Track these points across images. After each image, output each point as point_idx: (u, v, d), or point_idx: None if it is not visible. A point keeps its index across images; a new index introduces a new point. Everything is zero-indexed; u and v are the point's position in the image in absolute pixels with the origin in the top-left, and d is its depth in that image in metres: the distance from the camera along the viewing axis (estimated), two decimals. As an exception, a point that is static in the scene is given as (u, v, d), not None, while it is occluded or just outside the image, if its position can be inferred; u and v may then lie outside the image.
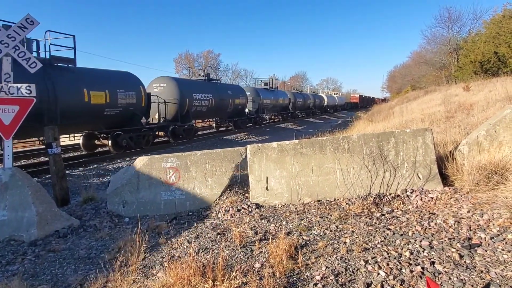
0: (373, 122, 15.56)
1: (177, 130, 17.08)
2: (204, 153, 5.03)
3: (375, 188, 4.54)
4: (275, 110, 31.97)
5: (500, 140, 4.43)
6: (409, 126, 9.76)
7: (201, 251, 3.39)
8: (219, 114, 21.78)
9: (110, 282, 2.91)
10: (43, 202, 4.49)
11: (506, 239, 2.92)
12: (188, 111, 17.50)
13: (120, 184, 5.01)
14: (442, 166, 4.60)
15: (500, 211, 3.39)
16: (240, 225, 3.93)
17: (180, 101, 16.73)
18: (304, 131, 20.84)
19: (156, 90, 16.77)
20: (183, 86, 17.40)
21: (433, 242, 3.06)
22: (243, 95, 23.57)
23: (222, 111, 21.37)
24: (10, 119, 4.74)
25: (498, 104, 9.23)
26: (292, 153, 4.74)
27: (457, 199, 4.05)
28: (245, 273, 2.76)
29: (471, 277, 2.45)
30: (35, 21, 5.00)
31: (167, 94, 16.57)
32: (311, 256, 3.03)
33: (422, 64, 42.65)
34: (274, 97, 30.34)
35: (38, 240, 4.16)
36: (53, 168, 5.56)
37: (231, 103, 21.84)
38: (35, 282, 3.15)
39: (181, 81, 18.56)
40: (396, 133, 4.66)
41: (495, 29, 25.49)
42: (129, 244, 3.61)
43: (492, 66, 25.31)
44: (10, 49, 4.86)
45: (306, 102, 39.09)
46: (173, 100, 16.57)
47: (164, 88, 16.86)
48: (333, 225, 3.73)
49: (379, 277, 2.58)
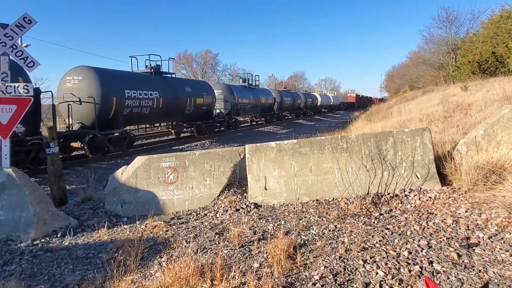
0: (372, 122, 15.58)
1: (98, 140, 12.26)
2: (202, 152, 5.03)
3: (373, 188, 4.54)
4: (256, 111, 27.42)
5: (498, 140, 4.44)
6: (407, 125, 9.77)
7: (199, 251, 3.38)
8: (174, 117, 17.26)
9: (108, 282, 2.90)
10: (41, 202, 4.47)
11: (504, 239, 2.93)
12: (117, 113, 12.91)
13: (118, 183, 4.99)
14: (440, 166, 4.61)
15: (498, 211, 3.40)
16: (239, 225, 3.92)
17: (102, 100, 12.22)
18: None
19: (69, 85, 12.29)
20: (107, 80, 12.70)
21: (432, 241, 3.06)
22: (208, 93, 19.10)
23: (177, 113, 16.88)
24: (7, 119, 4.73)
25: (496, 104, 9.26)
26: (290, 152, 4.74)
27: (455, 198, 4.06)
28: (244, 273, 2.75)
29: (469, 276, 2.45)
30: (32, 20, 4.98)
31: (84, 91, 12.13)
32: (310, 256, 3.03)
33: (420, 64, 42.76)
34: (254, 96, 25.74)
35: (36, 240, 4.14)
36: (51, 168, 5.54)
37: (191, 103, 17.25)
38: (33, 283, 3.13)
39: (104, 72, 13.12)
40: (394, 133, 4.66)
41: (492, 29, 25.59)
42: (127, 244, 3.60)
43: (490, 66, 25.41)
44: (8, 48, 4.84)
45: (296, 101, 35.58)
46: (91, 99, 11.99)
47: (79, 82, 12.24)
48: (331, 224, 3.73)
49: (378, 276, 2.58)
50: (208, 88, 19.65)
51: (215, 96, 20.06)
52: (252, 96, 25.65)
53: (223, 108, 21.44)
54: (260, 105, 27.35)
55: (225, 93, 21.92)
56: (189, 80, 21.63)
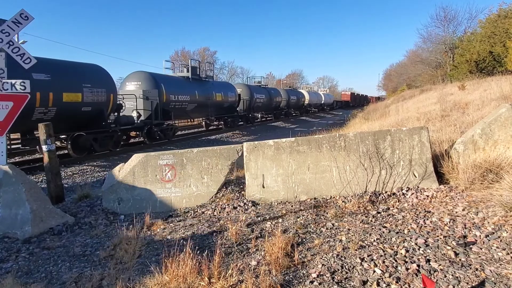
0: (369, 121, 15.60)
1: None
2: (200, 150, 5.01)
3: (371, 186, 4.55)
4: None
5: (495, 139, 4.46)
6: (405, 124, 9.79)
7: (197, 248, 3.37)
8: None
9: (105, 279, 2.89)
10: (38, 199, 4.45)
11: (501, 237, 2.94)
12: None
13: (115, 181, 4.98)
14: (437, 165, 4.62)
15: (495, 209, 3.41)
16: (236, 223, 3.92)
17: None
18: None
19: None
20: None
21: (429, 240, 3.07)
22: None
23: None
24: (4, 115, 4.69)
25: (493, 103, 9.29)
26: (288, 150, 4.73)
27: (452, 197, 4.07)
28: (241, 271, 2.75)
29: (466, 274, 2.46)
30: (29, 16, 4.94)
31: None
32: (307, 254, 3.03)
33: (418, 63, 42.87)
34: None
35: (32, 238, 4.12)
36: (48, 165, 5.51)
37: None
38: (29, 280, 3.12)
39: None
40: (392, 132, 4.67)
41: (490, 28, 25.69)
42: (124, 241, 3.59)
43: (487, 65, 25.50)
44: (4, 44, 4.80)
45: (273, 100, 30.21)
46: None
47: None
48: (329, 223, 3.73)
49: (375, 274, 2.59)
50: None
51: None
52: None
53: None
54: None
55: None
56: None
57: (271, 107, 30.87)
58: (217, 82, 25.67)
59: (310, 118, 36.68)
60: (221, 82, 28.66)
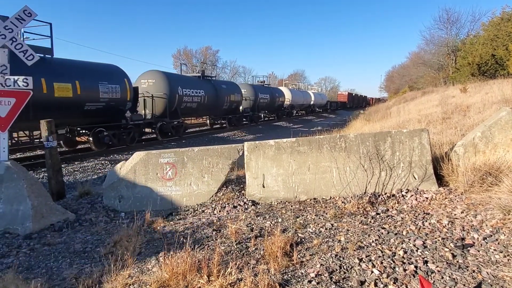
0: (370, 122, 15.62)
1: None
2: (201, 149, 5.04)
3: (371, 187, 4.57)
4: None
5: (496, 142, 4.47)
6: (406, 126, 9.81)
7: (196, 246, 3.40)
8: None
9: (105, 276, 2.92)
10: (39, 196, 4.48)
11: (499, 240, 2.95)
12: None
13: (116, 178, 5.00)
14: (437, 167, 4.64)
15: (494, 212, 3.42)
16: (236, 222, 3.94)
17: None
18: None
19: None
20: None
21: (427, 241, 3.09)
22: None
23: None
24: (6, 112, 4.72)
25: (494, 106, 9.30)
26: (289, 151, 4.75)
27: (451, 199, 4.09)
28: (240, 269, 2.77)
29: (463, 276, 2.48)
30: (32, 13, 4.97)
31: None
32: (306, 254, 3.05)
33: (420, 65, 42.82)
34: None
35: (33, 234, 4.15)
36: (49, 161, 5.54)
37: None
38: (30, 275, 3.14)
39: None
40: (392, 133, 4.68)
41: (493, 31, 25.65)
42: (124, 238, 3.61)
43: (489, 68, 25.46)
44: (7, 40, 4.82)
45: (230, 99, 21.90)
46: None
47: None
48: (328, 223, 3.75)
49: (373, 275, 2.60)
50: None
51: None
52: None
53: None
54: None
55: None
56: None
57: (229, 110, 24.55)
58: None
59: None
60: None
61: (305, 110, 40.31)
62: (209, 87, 19.87)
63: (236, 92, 22.78)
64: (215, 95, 20.11)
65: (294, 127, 26.45)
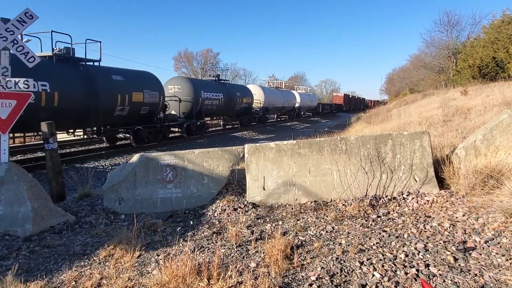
0: (371, 124, 15.60)
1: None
2: (201, 151, 5.03)
3: (371, 190, 4.55)
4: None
5: (497, 145, 4.45)
6: (406, 128, 9.80)
7: (196, 249, 3.39)
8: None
9: (104, 279, 2.91)
10: (39, 198, 4.47)
11: (501, 243, 2.94)
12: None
13: (116, 181, 4.99)
14: (438, 169, 4.62)
15: (495, 215, 3.41)
16: (236, 224, 3.93)
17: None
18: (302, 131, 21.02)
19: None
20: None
21: (428, 244, 3.07)
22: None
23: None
24: (7, 114, 4.72)
25: (495, 109, 9.28)
26: (289, 153, 4.74)
27: (453, 202, 4.07)
28: (241, 272, 2.76)
29: (465, 280, 2.47)
30: (34, 15, 4.97)
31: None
32: (307, 257, 3.03)
33: (420, 68, 42.79)
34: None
35: (33, 236, 4.14)
36: (50, 163, 5.54)
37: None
38: (30, 278, 3.13)
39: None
40: (393, 136, 4.67)
41: (493, 34, 25.67)
42: (124, 241, 3.60)
43: (490, 71, 25.46)
44: (8, 43, 4.83)
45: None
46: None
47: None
48: (329, 226, 3.73)
49: (374, 278, 2.59)
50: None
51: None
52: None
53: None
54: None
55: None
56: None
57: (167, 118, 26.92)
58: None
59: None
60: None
61: (287, 115, 34.59)
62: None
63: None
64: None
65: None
